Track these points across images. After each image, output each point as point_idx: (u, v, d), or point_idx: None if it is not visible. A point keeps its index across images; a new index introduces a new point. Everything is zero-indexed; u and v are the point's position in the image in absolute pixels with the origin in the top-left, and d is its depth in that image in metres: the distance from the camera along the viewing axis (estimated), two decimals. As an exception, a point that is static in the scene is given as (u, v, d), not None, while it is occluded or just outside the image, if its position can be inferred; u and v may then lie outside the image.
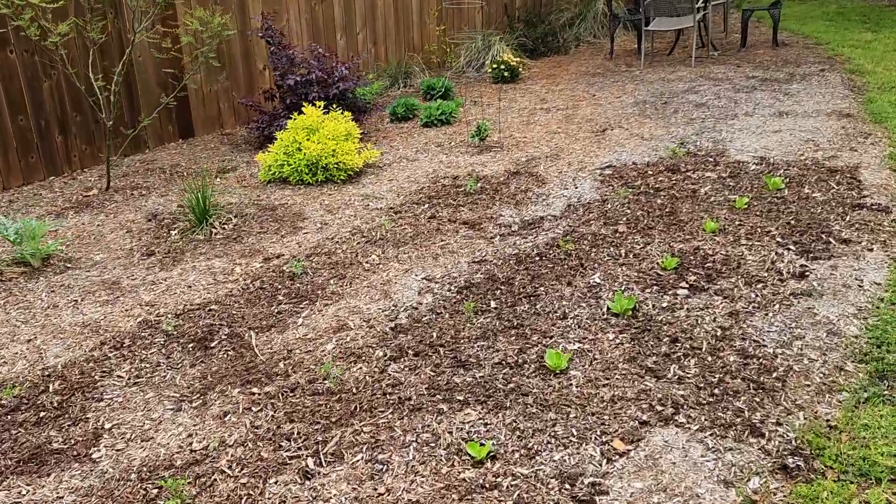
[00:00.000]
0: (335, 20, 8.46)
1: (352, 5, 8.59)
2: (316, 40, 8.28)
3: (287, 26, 7.99)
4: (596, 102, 7.51)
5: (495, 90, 8.40)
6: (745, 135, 6.10)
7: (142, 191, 6.02)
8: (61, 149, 6.50)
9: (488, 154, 6.28)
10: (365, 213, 5.29)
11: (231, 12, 7.44)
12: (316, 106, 6.26)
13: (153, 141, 7.20)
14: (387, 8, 9.00)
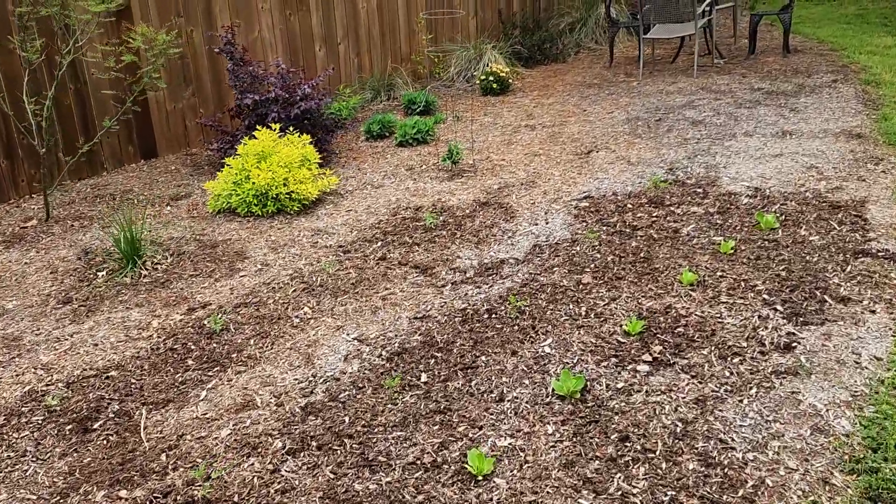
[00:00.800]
0: (313, 30, 7.89)
1: (332, 14, 8.01)
2: (292, 52, 7.72)
3: (259, 38, 7.44)
4: (585, 118, 6.86)
5: (482, 104, 7.78)
6: (742, 159, 5.42)
7: (84, 221, 5.49)
8: (7, 174, 6.00)
9: (459, 180, 5.67)
10: (311, 253, 4.71)
11: (197, 25, 6.90)
12: (272, 129, 5.69)
13: (111, 163, 6.68)
14: (371, 16, 8.40)
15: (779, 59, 8.41)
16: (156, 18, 6.67)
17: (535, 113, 7.23)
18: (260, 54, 7.47)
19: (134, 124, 6.76)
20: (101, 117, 6.47)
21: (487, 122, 7.09)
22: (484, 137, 6.61)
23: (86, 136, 6.41)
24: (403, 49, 8.82)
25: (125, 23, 6.47)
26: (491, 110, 7.48)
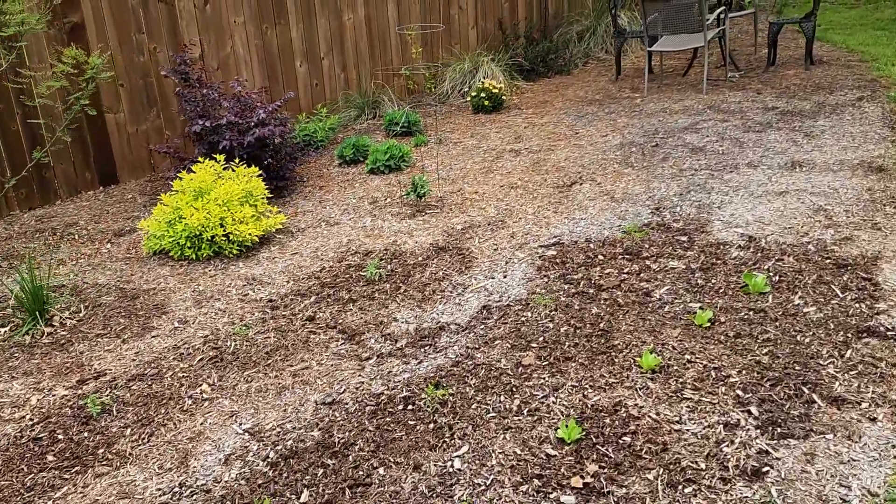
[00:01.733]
0: (293, 45, 7.28)
1: (314, 27, 7.39)
2: (270, 68, 7.12)
3: (232, 54, 6.85)
4: (576, 142, 6.12)
5: (471, 123, 7.08)
6: (741, 198, 4.65)
7: (12, 262, 4.95)
8: (-52, 205, 5.49)
9: (422, 217, 5.00)
10: (237, 308, 4.09)
11: (161, 42, 6.34)
12: (216, 159, 5.09)
13: (66, 190, 6.15)
14: (358, 29, 7.76)
15: (800, 71, 7.55)
16: (113, 36, 6.13)
17: (524, 135, 6.51)
18: (233, 72, 6.88)
19: (91, 149, 6.23)
20: (55, 144, 5.94)
21: (471, 145, 6.40)
22: (462, 164, 5.92)
23: (37, 164, 5.89)
24: (395, 62, 8.17)
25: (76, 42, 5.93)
26: (479, 131, 6.78)
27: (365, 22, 7.82)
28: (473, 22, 8.80)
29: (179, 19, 6.50)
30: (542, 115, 7.07)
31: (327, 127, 6.75)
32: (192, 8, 6.54)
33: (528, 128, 6.71)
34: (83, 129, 6.13)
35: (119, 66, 6.23)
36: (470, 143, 6.44)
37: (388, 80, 8.05)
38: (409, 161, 6.06)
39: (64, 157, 6.06)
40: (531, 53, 8.59)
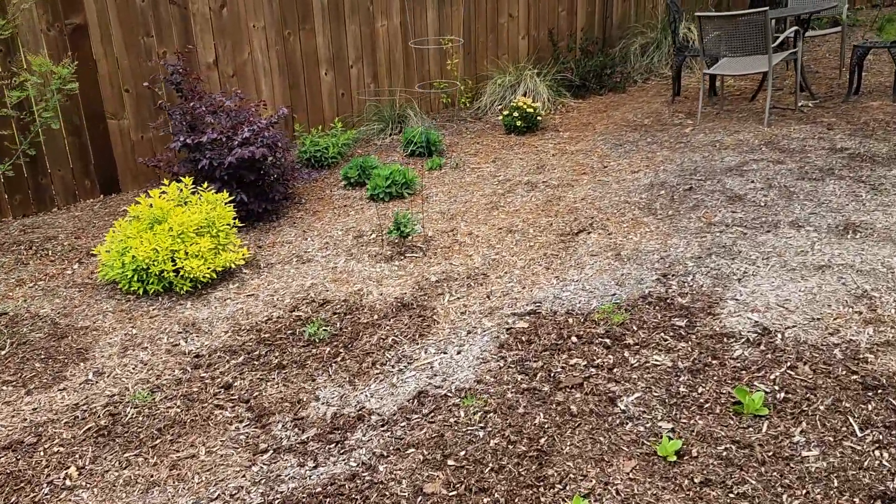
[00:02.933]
0: (318, 52, 6.72)
1: (342, 34, 6.81)
2: (291, 77, 6.59)
3: (250, 61, 6.35)
4: (602, 178, 5.31)
5: (499, 145, 6.35)
6: (770, 269, 3.77)
7: (-27, 279, 4.59)
8: (-65, 209, 5.20)
9: (400, 262, 4.33)
10: (160, 362, 3.55)
11: (171, 45, 5.90)
12: (182, 180, 4.57)
13: (63, 198, 5.80)
14: (393, 36, 7.13)
15: (887, 103, 6.43)
16: (119, 39, 5.72)
17: (548, 164, 5.73)
18: (251, 79, 6.39)
19: (92, 155, 5.85)
20: (52, 150, 5.60)
21: (488, 172, 5.67)
22: (469, 196, 5.21)
23: (32, 170, 5.56)
24: (433, 73, 7.50)
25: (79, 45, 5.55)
26: (503, 156, 6.04)
27: (400, 29, 7.18)
28: (524, 31, 8.01)
29: (192, 23, 6.04)
30: (576, 141, 6.25)
31: (341, 143, 6.16)
32: (206, 11, 6.06)
33: (557, 155, 5.92)
34: (83, 134, 5.76)
35: (125, 71, 5.82)
36: (487, 171, 5.71)
37: (423, 96, 7.39)
38: (413, 188, 5.39)
39: (62, 163, 5.71)
40: (583, 68, 7.74)
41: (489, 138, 6.55)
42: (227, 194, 4.56)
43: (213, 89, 6.23)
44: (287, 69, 6.59)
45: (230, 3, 6.16)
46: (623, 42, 8.56)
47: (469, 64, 7.70)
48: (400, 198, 5.33)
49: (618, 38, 8.64)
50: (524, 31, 8.00)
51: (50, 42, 5.48)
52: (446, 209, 5.01)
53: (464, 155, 6.12)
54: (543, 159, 5.84)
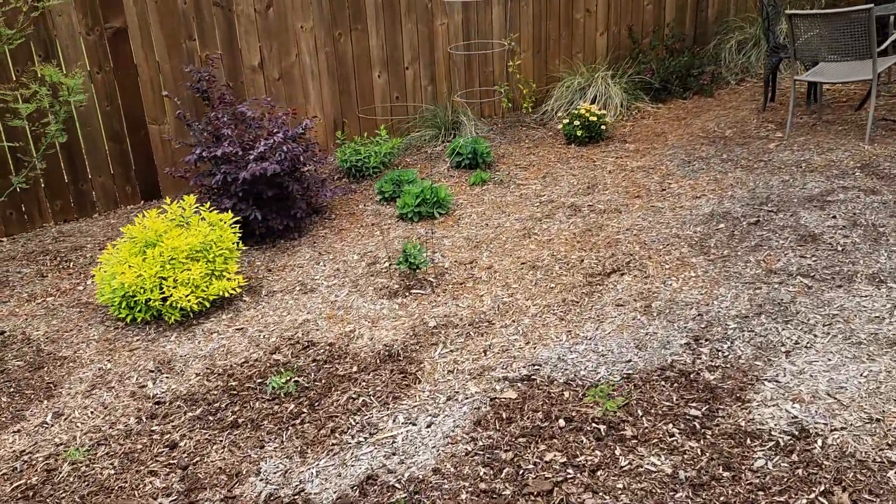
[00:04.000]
0: (371, 53, 6.28)
1: (398, 33, 6.34)
2: (342, 80, 6.19)
3: (298, 63, 6.00)
4: (657, 203, 4.60)
5: (555, 158, 5.71)
6: (828, 342, 3.01)
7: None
8: (-24, 213, 5.16)
9: (403, 299, 3.84)
10: (121, 405, 3.24)
11: (214, 49, 5.62)
12: (183, 200, 4.25)
13: (104, 204, 5.65)
14: (453, 35, 6.59)
15: None
16: (161, 42, 5.48)
17: (601, 183, 5.05)
18: (297, 83, 6.04)
19: (133, 161, 5.67)
20: (93, 155, 5.46)
21: (532, 191, 5.06)
22: (503, 220, 4.63)
23: (73, 176, 5.43)
24: (497, 74, 6.91)
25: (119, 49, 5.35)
26: (555, 171, 5.40)
27: (462, 27, 6.62)
28: (604, 27, 7.26)
29: (237, 25, 5.73)
30: (641, 155, 5.52)
31: (384, 151, 5.71)
32: (251, 13, 5.73)
33: (614, 172, 5.22)
34: (124, 140, 5.58)
35: (166, 76, 5.58)
36: (532, 189, 5.10)
37: (487, 95, 6.81)
38: (446, 207, 4.87)
39: (103, 169, 5.56)
40: (666, 68, 6.93)
41: (546, 149, 5.91)
42: (230, 215, 4.20)
43: (257, 93, 5.92)
44: (337, 72, 6.19)
45: (277, 3, 5.81)
46: (718, 38, 7.64)
47: (539, 64, 7.05)
48: (430, 218, 4.82)
49: (713, 34, 7.72)
50: (603, 26, 7.25)
51: (89, 46, 5.30)
52: (474, 234, 4.46)
53: (514, 168, 5.52)
54: (598, 177, 5.16)
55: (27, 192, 5.29)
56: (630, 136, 6.02)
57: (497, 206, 4.85)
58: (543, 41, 7.01)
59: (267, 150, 4.51)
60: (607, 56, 7.25)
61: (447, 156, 5.74)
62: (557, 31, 7.05)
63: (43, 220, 5.45)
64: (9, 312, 4.18)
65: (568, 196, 4.88)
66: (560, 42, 7.11)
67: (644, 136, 5.96)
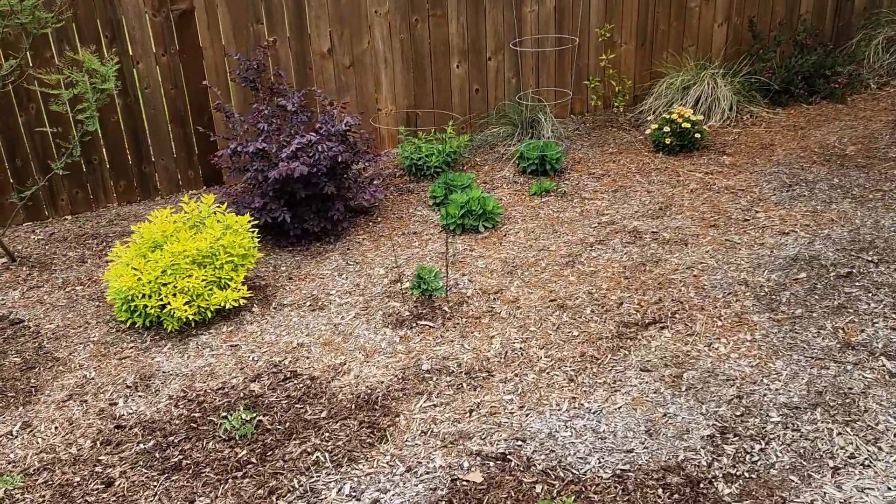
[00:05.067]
0: (450, 41, 5.81)
1: (481, 21, 5.82)
2: (415, 69, 5.77)
3: (370, 50, 5.63)
4: (730, 238, 3.86)
5: (637, 167, 5.02)
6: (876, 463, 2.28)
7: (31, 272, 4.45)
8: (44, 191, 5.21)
9: (407, 331, 3.40)
10: (86, 425, 3.03)
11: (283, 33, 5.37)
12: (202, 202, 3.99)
13: (166, 187, 5.57)
14: (544, 23, 5.98)
15: None
16: (227, 24, 5.27)
17: (677, 204, 4.35)
18: (369, 71, 5.68)
19: (196, 147, 5.54)
20: (156, 138, 5.37)
21: (596, 208, 4.44)
22: (551, 242, 4.06)
23: (137, 158, 5.37)
24: (592, 66, 6.22)
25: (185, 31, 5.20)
26: (631, 184, 4.73)
27: (554, 14, 5.99)
28: (723, 17, 6.37)
29: (307, 8, 5.43)
30: (736, 172, 4.73)
31: (447, 150, 5.24)
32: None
33: (696, 192, 4.49)
34: (187, 124, 5.45)
35: (231, 60, 5.38)
36: (597, 205, 4.47)
37: (579, 90, 6.16)
38: (493, 221, 4.35)
39: (166, 152, 5.46)
40: (790, 67, 5.97)
41: (630, 156, 5.22)
42: (248, 217, 3.90)
43: (326, 81, 5.61)
44: (412, 60, 5.76)
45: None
46: (863, 34, 6.53)
47: (641, 58, 6.29)
48: (474, 232, 4.32)
49: (857, 29, 6.61)
50: (723, 16, 6.36)
51: (156, 28, 5.16)
52: (513, 257, 3.92)
53: (585, 177, 4.90)
54: (675, 196, 4.45)
55: (93, 172, 5.26)
56: (731, 146, 5.20)
57: (550, 224, 4.27)
58: (649, 32, 6.24)
59: (300, 149, 4.17)
60: (723, 51, 6.36)
61: (515, 158, 5.19)
62: (667, 20, 6.25)
63: (107, 200, 5.42)
64: (37, 299, 4.12)
65: (633, 218, 4.22)
66: (669, 33, 6.30)
67: (747, 148, 5.12)
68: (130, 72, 5.17)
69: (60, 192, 5.25)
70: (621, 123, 5.90)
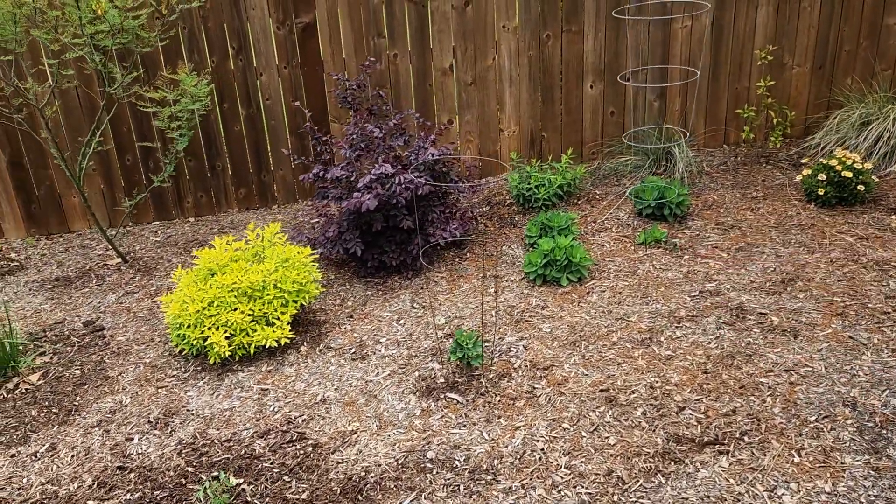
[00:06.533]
0: (584, 59, 5.29)
1: (620, 37, 5.25)
2: (545, 89, 5.34)
3: (495, 67, 5.28)
4: (856, 336, 3.06)
5: (777, 220, 4.23)
6: None
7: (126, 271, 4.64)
8: (172, 193, 5.47)
9: (432, 403, 3.03)
10: (98, 457, 3.03)
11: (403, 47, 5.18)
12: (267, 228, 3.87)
13: (283, 196, 5.61)
14: (697, 40, 5.27)
15: None
16: (348, 38, 5.18)
17: (808, 277, 3.56)
18: (491, 90, 5.33)
19: (313, 158, 5.52)
20: (275, 148, 5.42)
21: (704, 271, 3.77)
22: (634, 310, 3.49)
23: (257, 167, 5.46)
24: (753, 91, 5.39)
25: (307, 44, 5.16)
26: (760, 242, 3.97)
27: (711, 31, 5.24)
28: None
29: (430, 23, 5.17)
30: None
31: (558, 182, 4.75)
32: (447, 9, 5.12)
33: (838, 262, 3.66)
34: (305, 136, 5.43)
35: (351, 73, 5.27)
36: (708, 267, 3.80)
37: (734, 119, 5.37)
38: (578, 274, 3.84)
39: (284, 162, 5.49)
40: None
41: (774, 205, 4.42)
42: (309, 250, 3.72)
43: (446, 98, 5.34)
44: (540, 79, 5.31)
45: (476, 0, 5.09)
46: None
47: (817, 83, 5.35)
48: (555, 284, 3.83)
49: None
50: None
51: (279, 41, 5.17)
52: (585, 323, 3.41)
53: (710, 228, 4.20)
54: (809, 265, 3.66)
55: (216, 178, 5.40)
56: (907, 203, 4.22)
57: (644, 285, 3.68)
58: (830, 52, 5.27)
59: (375, 180, 3.92)
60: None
61: (632, 197, 4.58)
62: (855, 39, 5.25)
63: (227, 205, 5.54)
64: (126, 307, 4.24)
65: (744, 289, 3.51)
66: (857, 55, 5.29)
67: (927, 208, 4.13)
68: (254, 83, 5.21)
69: (187, 194, 5.42)
70: (779, 160, 5.03)
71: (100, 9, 3.57)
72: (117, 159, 5.23)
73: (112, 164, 5.24)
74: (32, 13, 3.66)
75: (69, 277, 4.68)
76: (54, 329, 4.08)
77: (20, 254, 5.10)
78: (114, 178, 5.28)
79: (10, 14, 3.54)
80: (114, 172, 5.26)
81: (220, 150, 5.33)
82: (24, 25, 3.79)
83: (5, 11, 3.55)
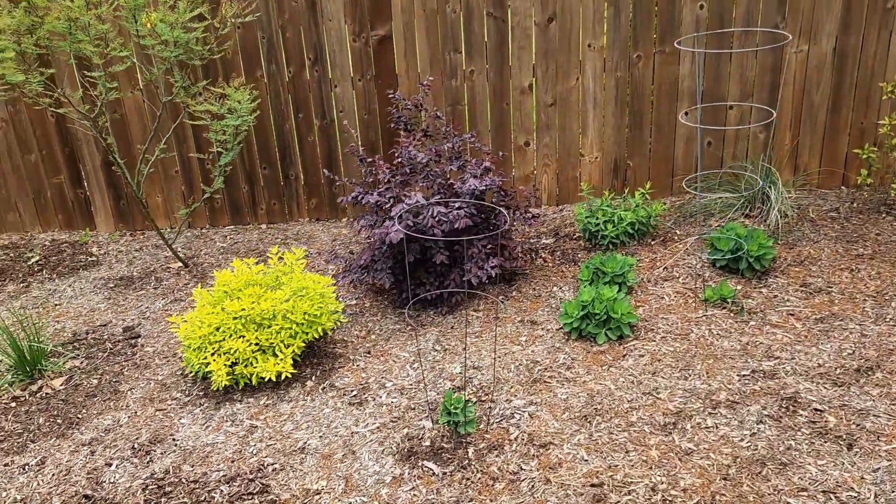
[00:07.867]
0: (679, 83, 4.77)
1: (723, 59, 4.67)
2: (634, 114, 4.87)
3: (578, 88, 4.88)
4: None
5: (876, 287, 3.55)
6: None
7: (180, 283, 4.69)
8: (247, 199, 5.51)
9: (408, 470, 2.73)
10: (72, 481, 2.99)
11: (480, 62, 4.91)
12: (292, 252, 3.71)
13: (353, 210, 5.49)
14: (815, 67, 4.59)
15: None
16: (423, 52, 4.96)
17: (887, 368, 2.92)
18: (573, 112, 4.93)
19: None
20: (347, 160, 5.32)
21: (766, 343, 3.19)
22: (665, 384, 3.00)
23: (328, 177, 5.38)
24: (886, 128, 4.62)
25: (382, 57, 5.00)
26: (848, 314, 3.32)
27: (832, 59, 4.54)
28: None
29: (509, 39, 4.85)
30: None
31: (629, 220, 4.27)
32: (529, 25, 4.77)
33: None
34: (378, 150, 5.27)
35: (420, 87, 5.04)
36: (773, 339, 3.21)
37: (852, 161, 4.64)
38: (618, 331, 3.38)
39: (355, 175, 5.37)
40: None
41: (880, 267, 3.71)
42: (329, 279, 3.52)
43: (523, 119, 4.99)
44: (629, 102, 4.83)
45: (562, 16, 4.70)
46: None
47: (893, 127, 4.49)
48: (590, 340, 3.40)
49: None
50: None
51: (354, 53, 5.03)
52: (607, 393, 2.97)
53: (793, 290, 3.58)
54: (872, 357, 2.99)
55: (289, 186, 5.38)
56: None
57: (690, 354, 3.16)
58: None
59: (406, 211, 3.65)
60: None
61: (710, 246, 4.02)
62: None
63: (299, 214, 5.50)
64: (168, 315, 4.25)
65: (807, 374, 2.92)
66: None
67: None
68: (328, 94, 5.10)
69: (261, 201, 5.42)
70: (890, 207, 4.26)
71: (148, 22, 3.54)
72: (198, 163, 5.32)
73: (193, 168, 5.33)
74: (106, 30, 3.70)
75: (132, 278, 4.76)
76: (97, 331, 4.13)
77: (102, 248, 5.27)
78: (194, 181, 5.37)
79: (83, 23, 3.58)
80: (194, 175, 5.36)
81: (293, 160, 5.28)
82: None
83: (75, 24, 3.60)
